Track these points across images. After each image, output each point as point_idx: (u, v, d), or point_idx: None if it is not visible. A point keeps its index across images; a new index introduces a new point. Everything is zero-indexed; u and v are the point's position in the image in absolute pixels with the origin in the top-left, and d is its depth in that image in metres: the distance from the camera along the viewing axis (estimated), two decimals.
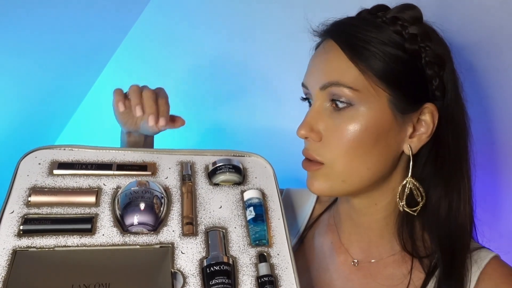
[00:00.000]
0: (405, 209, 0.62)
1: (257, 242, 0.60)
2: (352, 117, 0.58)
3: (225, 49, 1.04)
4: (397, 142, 0.61)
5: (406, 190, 0.61)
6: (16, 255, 0.53)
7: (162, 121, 0.69)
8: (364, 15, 0.63)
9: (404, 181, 0.62)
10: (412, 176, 0.61)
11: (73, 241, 0.56)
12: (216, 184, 0.66)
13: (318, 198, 0.78)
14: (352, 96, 0.58)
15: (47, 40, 0.94)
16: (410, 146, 0.61)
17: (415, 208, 0.62)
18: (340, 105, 0.59)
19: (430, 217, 0.62)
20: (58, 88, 1.04)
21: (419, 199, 0.61)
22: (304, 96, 0.66)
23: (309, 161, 0.63)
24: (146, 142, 0.79)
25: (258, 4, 0.95)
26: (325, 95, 0.60)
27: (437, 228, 0.62)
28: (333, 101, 0.59)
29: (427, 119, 0.60)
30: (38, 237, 0.55)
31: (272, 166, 0.70)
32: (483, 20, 0.74)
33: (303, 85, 0.64)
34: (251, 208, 0.63)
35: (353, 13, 0.65)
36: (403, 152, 0.62)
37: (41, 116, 1.08)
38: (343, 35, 0.60)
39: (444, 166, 0.62)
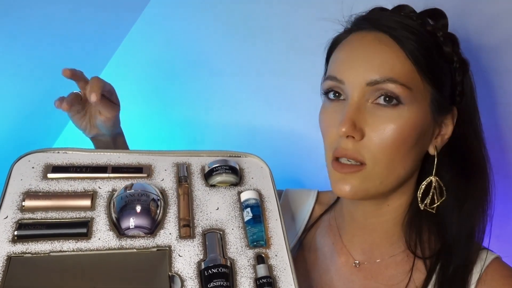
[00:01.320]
0: (427, 208, 0.61)
1: (255, 243, 0.60)
2: (399, 116, 0.57)
3: (225, 48, 1.03)
4: (428, 142, 0.61)
5: (432, 189, 0.61)
6: (11, 262, 0.53)
7: (93, 97, 0.66)
8: (407, 12, 0.61)
9: (428, 180, 0.61)
10: (435, 174, 0.61)
11: (68, 246, 0.55)
12: (213, 185, 0.66)
13: (318, 199, 0.77)
14: (405, 94, 0.56)
15: (46, 41, 0.93)
16: (436, 146, 0.61)
17: (432, 206, 0.61)
18: (389, 102, 0.57)
19: (440, 222, 0.62)
20: (58, 89, 1.03)
21: (439, 197, 0.61)
22: (332, 95, 0.61)
23: (343, 164, 0.59)
24: (116, 144, 0.78)
25: (260, 3, 0.94)
26: (371, 91, 0.57)
27: (446, 233, 0.61)
28: (382, 98, 0.57)
29: (448, 121, 0.61)
30: (33, 243, 0.55)
31: (269, 166, 0.70)
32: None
33: (335, 78, 0.60)
34: (248, 209, 0.62)
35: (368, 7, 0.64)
36: (426, 152, 0.62)
37: (39, 117, 1.07)
38: (397, 30, 0.58)
39: (467, 173, 0.62)
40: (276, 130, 0.99)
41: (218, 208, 0.63)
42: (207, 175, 0.66)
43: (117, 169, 0.65)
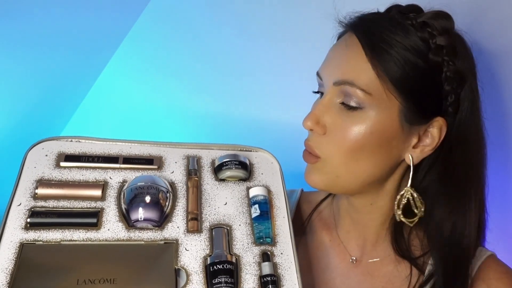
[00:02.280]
0: (402, 219, 0.62)
1: (261, 240, 0.60)
2: (359, 120, 0.58)
3: (229, 45, 1.02)
4: (399, 150, 0.60)
5: (403, 199, 0.61)
6: (23, 248, 0.54)
7: None
8: (394, 13, 0.60)
9: (403, 191, 0.61)
10: (411, 186, 0.60)
11: (79, 235, 0.57)
12: (222, 180, 0.66)
13: (302, 197, 0.78)
14: (364, 99, 0.57)
15: (52, 31, 0.94)
16: (412, 156, 0.60)
17: (412, 220, 0.61)
18: (350, 105, 0.58)
19: (432, 236, 0.62)
20: (64, 79, 1.05)
21: (416, 211, 0.61)
22: (316, 90, 0.65)
23: (309, 153, 0.63)
24: None
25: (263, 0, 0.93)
26: (337, 91, 0.59)
27: (439, 248, 0.61)
28: (344, 99, 0.58)
29: (434, 132, 0.59)
30: (44, 231, 0.56)
31: (279, 162, 0.70)
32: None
33: (318, 74, 0.63)
34: (256, 206, 0.63)
35: (383, 5, 0.62)
36: (403, 160, 0.61)
37: (47, 107, 1.09)
38: (368, 33, 0.57)
39: (451, 186, 0.61)
40: (287, 125, 0.99)
41: (226, 203, 0.64)
42: (217, 169, 0.67)
43: (128, 160, 0.65)
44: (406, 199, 0.61)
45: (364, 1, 0.61)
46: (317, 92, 0.65)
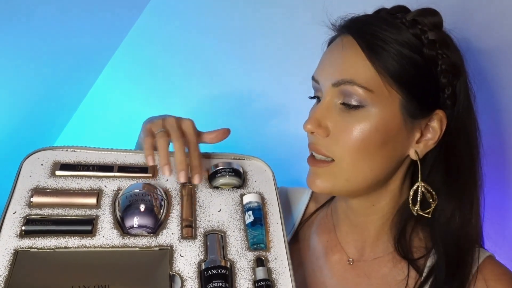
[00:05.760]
0: (419, 213, 0.61)
1: (255, 246, 0.61)
2: (362, 118, 0.58)
3: (226, 50, 1.03)
4: (404, 146, 0.61)
5: (419, 194, 0.61)
6: (18, 256, 0.54)
7: (197, 179, 0.64)
8: (383, 14, 0.62)
9: (415, 186, 0.61)
10: (421, 180, 0.61)
11: (73, 242, 0.57)
12: (216, 187, 0.67)
13: (312, 196, 0.78)
14: (365, 96, 0.57)
15: (47, 41, 0.96)
16: (417, 151, 0.61)
17: (428, 211, 0.61)
18: (352, 104, 0.58)
19: (438, 230, 0.62)
20: (58, 88, 1.05)
21: (431, 201, 0.61)
22: (312, 95, 0.65)
23: (316, 160, 0.62)
24: None
25: (259, 6, 0.95)
26: (337, 92, 0.59)
27: (446, 240, 0.62)
28: (345, 99, 0.58)
29: (435, 126, 0.60)
30: (39, 238, 0.56)
31: (272, 169, 0.71)
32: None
33: (314, 78, 0.63)
34: (250, 212, 0.64)
35: (370, 10, 0.64)
36: (407, 156, 0.62)
37: (41, 116, 1.09)
38: (363, 33, 0.59)
39: (459, 178, 0.62)
40: (280, 133, 1.00)
41: (220, 210, 0.64)
42: (211, 177, 0.67)
43: (123, 168, 0.66)
44: (421, 193, 0.61)
45: (351, 6, 0.63)
46: (314, 97, 0.65)
